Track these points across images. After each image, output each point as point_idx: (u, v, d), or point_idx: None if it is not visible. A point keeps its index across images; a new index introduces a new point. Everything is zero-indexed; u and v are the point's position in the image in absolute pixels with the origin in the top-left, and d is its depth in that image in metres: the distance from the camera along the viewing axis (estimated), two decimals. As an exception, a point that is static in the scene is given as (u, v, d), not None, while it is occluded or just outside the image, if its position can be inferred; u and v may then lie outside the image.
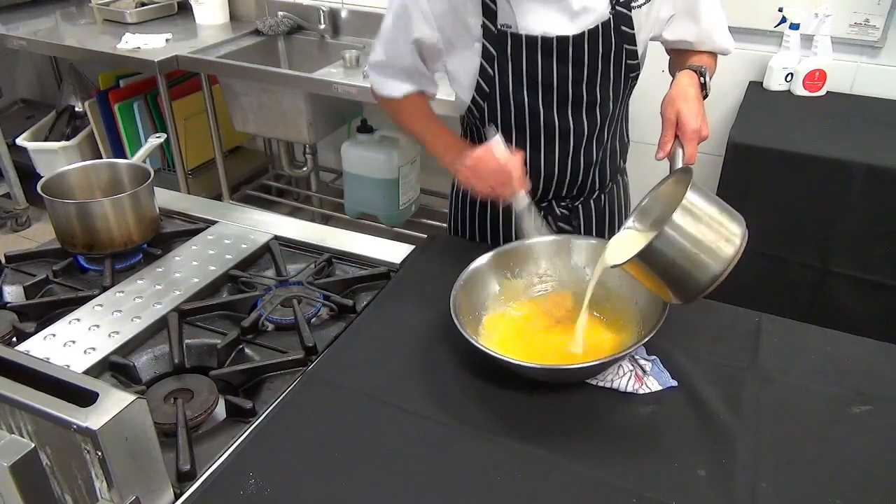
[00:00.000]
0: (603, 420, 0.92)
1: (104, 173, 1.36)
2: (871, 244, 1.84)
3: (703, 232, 0.87)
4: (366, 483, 0.83)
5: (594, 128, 1.23)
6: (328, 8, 2.74)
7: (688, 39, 1.23)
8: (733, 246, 0.88)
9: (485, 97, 1.20)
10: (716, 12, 1.22)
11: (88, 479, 0.70)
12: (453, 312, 0.98)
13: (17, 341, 1.06)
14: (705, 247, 0.87)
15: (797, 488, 0.82)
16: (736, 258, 0.88)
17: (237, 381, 1.00)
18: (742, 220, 0.91)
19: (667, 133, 1.09)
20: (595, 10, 1.11)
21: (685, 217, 0.87)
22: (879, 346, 1.06)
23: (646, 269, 0.91)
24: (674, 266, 0.88)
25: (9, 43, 2.71)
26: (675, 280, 0.90)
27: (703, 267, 0.88)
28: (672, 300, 0.94)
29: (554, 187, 1.30)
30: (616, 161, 1.34)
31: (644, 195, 1.04)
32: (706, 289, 0.89)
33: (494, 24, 1.13)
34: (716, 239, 0.88)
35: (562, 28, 1.12)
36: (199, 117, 2.79)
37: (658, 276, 0.91)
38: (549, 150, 1.24)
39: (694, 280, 0.89)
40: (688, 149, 1.06)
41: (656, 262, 0.89)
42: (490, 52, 1.15)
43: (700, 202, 0.89)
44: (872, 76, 2.19)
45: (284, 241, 1.35)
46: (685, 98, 1.09)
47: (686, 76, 1.13)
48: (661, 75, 1.26)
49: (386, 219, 2.69)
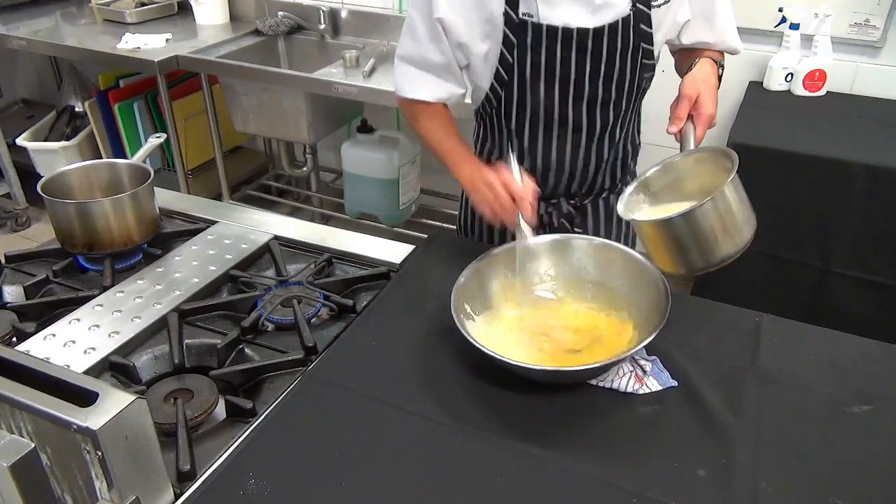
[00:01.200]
0: (603, 420, 0.92)
1: (104, 173, 1.36)
2: (871, 244, 1.84)
3: (738, 210, 0.92)
4: (366, 483, 0.83)
5: (607, 125, 1.23)
6: (328, 8, 2.74)
7: (706, 41, 1.25)
8: (751, 231, 0.93)
9: (503, 85, 1.21)
10: (729, 14, 1.24)
11: (88, 479, 0.70)
12: (453, 312, 0.98)
13: (17, 341, 1.06)
14: (733, 226, 0.92)
15: (797, 488, 0.82)
16: (745, 247, 0.93)
17: (237, 381, 1.00)
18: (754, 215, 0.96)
19: (682, 109, 1.11)
20: (616, 5, 1.12)
21: (731, 192, 0.91)
22: (879, 346, 1.06)
23: (665, 234, 0.95)
24: (699, 236, 0.92)
25: (9, 43, 2.71)
26: (688, 250, 0.94)
27: (720, 244, 0.92)
28: (673, 269, 0.97)
29: (564, 184, 1.30)
30: (626, 162, 1.34)
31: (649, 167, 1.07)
32: (715, 266, 0.93)
33: (516, 12, 1.13)
34: (742, 222, 0.93)
35: (582, 20, 1.13)
36: (199, 117, 2.79)
37: (671, 243, 0.95)
38: (562, 143, 1.25)
39: (711, 253, 0.93)
40: (699, 131, 1.09)
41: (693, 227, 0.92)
42: (511, 41, 1.15)
43: (740, 188, 0.93)
44: (872, 76, 2.19)
45: (284, 241, 1.35)
46: (707, 83, 1.13)
47: (708, 64, 1.18)
48: (660, 75, 1.26)
49: (386, 219, 2.70)
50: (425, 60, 1.21)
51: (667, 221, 0.93)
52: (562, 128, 1.23)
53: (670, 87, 1.18)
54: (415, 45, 1.21)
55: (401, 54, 1.24)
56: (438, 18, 1.15)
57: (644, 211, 1.06)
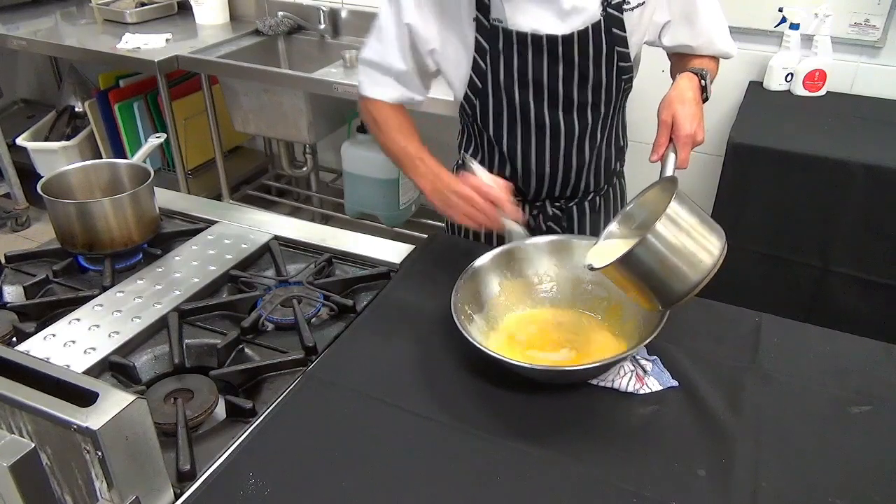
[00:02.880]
0: (603, 420, 0.92)
1: (104, 173, 1.36)
2: (871, 244, 1.84)
3: (683, 242, 0.88)
4: (366, 483, 0.83)
5: (586, 128, 1.22)
6: (328, 8, 2.74)
7: (688, 44, 1.22)
8: (712, 257, 0.89)
9: (477, 92, 1.20)
10: (715, 17, 1.21)
11: (88, 479, 0.70)
12: (454, 312, 0.98)
13: (17, 341, 1.06)
14: (685, 257, 0.88)
15: (797, 488, 0.82)
16: (714, 269, 0.88)
17: (237, 381, 1.00)
18: (722, 232, 0.92)
19: (661, 135, 1.08)
20: (586, 10, 1.11)
21: (668, 226, 0.87)
22: (879, 346, 1.06)
23: (625, 274, 0.91)
24: (652, 273, 0.88)
25: (9, 43, 2.71)
26: (652, 287, 0.90)
27: (681, 276, 0.88)
28: (647, 307, 0.94)
29: (546, 187, 1.29)
30: (611, 164, 1.33)
31: (629, 200, 1.04)
32: (682, 298, 0.89)
33: (487, 18, 1.13)
34: (696, 250, 0.88)
35: (551, 27, 1.12)
36: (199, 117, 2.79)
37: (636, 282, 0.91)
38: (541, 148, 1.24)
39: (671, 289, 0.89)
40: (681, 153, 1.06)
41: (636, 268, 0.89)
42: (483, 47, 1.15)
43: (683, 212, 0.89)
44: (872, 76, 2.19)
45: (284, 241, 1.35)
46: (682, 101, 1.09)
47: (686, 79, 1.13)
48: (660, 76, 1.26)
49: (386, 219, 2.70)
50: (389, 65, 1.20)
51: (620, 261, 0.89)
52: (540, 132, 1.22)
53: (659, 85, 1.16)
54: (381, 48, 1.20)
55: (365, 56, 1.23)
56: (407, 24, 1.14)
57: (604, 258, 0.99)
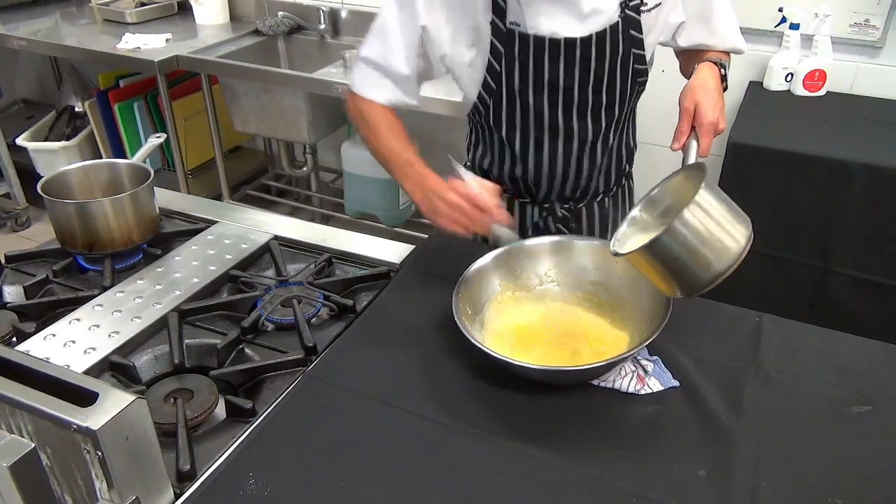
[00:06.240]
0: (603, 420, 0.92)
1: (104, 173, 1.36)
2: (871, 244, 1.84)
3: (711, 230, 0.89)
4: (366, 483, 0.83)
5: (599, 131, 1.22)
6: (328, 8, 2.74)
7: (703, 43, 1.23)
8: (738, 245, 0.89)
9: (491, 94, 1.20)
10: (728, 14, 1.22)
11: (88, 479, 0.70)
12: (454, 312, 0.98)
13: (17, 341, 1.06)
14: (711, 245, 0.88)
15: (797, 488, 0.82)
16: (740, 258, 0.89)
17: (237, 381, 1.00)
18: (749, 221, 0.92)
19: (683, 123, 1.08)
20: (604, 12, 1.11)
21: (696, 214, 0.88)
22: (879, 346, 1.06)
23: (650, 261, 0.92)
24: (678, 261, 0.89)
25: (9, 43, 2.71)
26: (677, 274, 0.91)
27: (706, 264, 0.89)
28: (671, 294, 0.94)
29: (557, 189, 1.29)
30: (621, 165, 1.33)
31: (654, 185, 1.04)
32: (707, 286, 0.90)
33: (503, 21, 1.12)
34: (723, 238, 0.89)
35: (570, 30, 1.11)
36: (199, 117, 2.79)
37: (661, 269, 0.92)
38: (553, 151, 1.23)
39: (696, 276, 0.90)
40: (703, 141, 1.06)
41: (662, 254, 0.90)
42: (498, 50, 1.14)
43: (711, 200, 0.90)
44: (872, 76, 2.19)
45: (284, 241, 1.35)
46: (705, 89, 1.09)
47: (707, 68, 1.13)
48: (661, 75, 1.26)
49: (386, 219, 2.69)
50: (390, 67, 1.17)
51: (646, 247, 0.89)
52: (553, 135, 1.21)
53: (669, 87, 1.17)
54: (384, 49, 1.17)
55: (365, 54, 1.20)
56: (423, 26, 1.13)
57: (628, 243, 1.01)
